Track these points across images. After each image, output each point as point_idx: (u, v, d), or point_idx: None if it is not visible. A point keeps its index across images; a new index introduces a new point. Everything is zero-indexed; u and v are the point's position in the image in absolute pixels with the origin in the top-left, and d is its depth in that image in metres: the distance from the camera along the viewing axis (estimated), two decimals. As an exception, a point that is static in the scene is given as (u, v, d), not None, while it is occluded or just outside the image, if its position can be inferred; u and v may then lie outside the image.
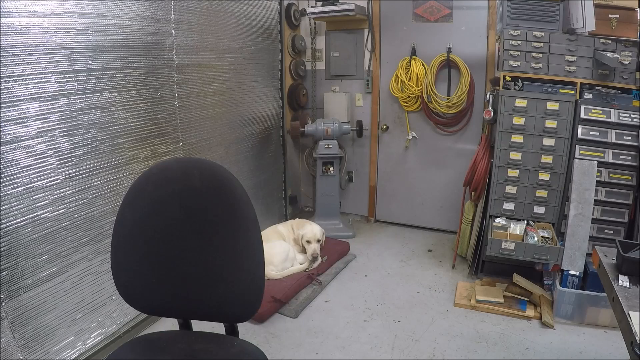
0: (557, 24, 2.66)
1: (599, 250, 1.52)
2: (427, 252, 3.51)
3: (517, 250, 2.56)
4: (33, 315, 1.88)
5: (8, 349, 1.76)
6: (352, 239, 3.68)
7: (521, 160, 2.73)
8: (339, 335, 2.44)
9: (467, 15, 3.45)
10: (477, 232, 3.03)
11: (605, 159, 2.57)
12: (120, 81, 2.20)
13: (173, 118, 2.61)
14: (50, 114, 1.88)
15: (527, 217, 2.79)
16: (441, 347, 2.32)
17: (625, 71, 2.54)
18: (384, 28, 3.76)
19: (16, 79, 1.73)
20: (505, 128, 2.72)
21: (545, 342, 2.35)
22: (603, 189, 2.59)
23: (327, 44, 4.01)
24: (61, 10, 1.88)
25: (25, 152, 1.79)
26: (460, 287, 2.88)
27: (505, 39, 2.67)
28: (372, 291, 2.91)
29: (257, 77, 3.48)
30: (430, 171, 3.84)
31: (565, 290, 2.49)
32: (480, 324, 2.53)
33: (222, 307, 1.25)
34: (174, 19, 2.54)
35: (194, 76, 2.76)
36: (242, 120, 3.34)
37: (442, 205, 3.83)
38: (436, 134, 3.75)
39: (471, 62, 3.45)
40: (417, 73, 3.60)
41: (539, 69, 2.65)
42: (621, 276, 1.33)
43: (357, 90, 3.98)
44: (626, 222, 2.61)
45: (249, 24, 3.30)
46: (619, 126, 2.55)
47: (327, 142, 3.67)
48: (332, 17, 3.63)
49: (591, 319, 2.48)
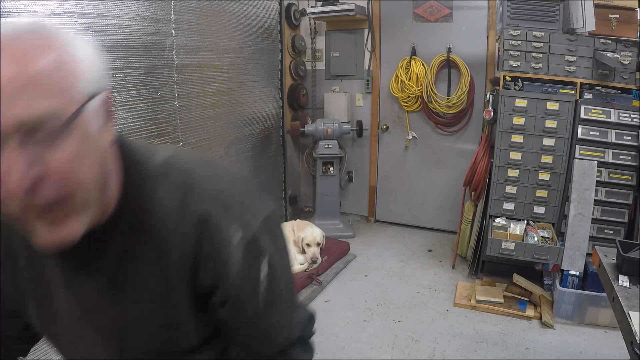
0: (557, 24, 2.66)
1: (599, 250, 1.52)
2: (427, 252, 3.51)
3: (517, 250, 2.56)
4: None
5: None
6: (352, 239, 3.68)
7: (521, 160, 2.73)
8: (339, 335, 2.44)
9: (467, 15, 3.45)
10: (477, 232, 3.03)
11: (605, 159, 2.57)
12: (120, 81, 2.20)
13: (173, 118, 2.61)
14: (50, 114, 1.88)
15: (527, 217, 2.79)
16: (441, 347, 2.32)
17: (625, 71, 2.54)
18: (384, 28, 3.76)
19: (16, 79, 1.73)
20: (505, 128, 2.72)
21: (545, 342, 2.35)
22: (603, 189, 2.59)
23: (327, 44, 4.01)
24: (61, 10, 1.88)
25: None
26: (460, 287, 2.88)
27: (505, 39, 2.67)
28: (372, 291, 2.91)
29: (257, 77, 3.48)
30: (430, 171, 3.84)
31: (565, 290, 2.50)
32: (480, 324, 2.53)
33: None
34: (174, 19, 2.54)
35: (194, 76, 2.76)
36: (242, 120, 3.34)
37: (442, 205, 3.83)
38: (436, 134, 3.75)
39: (471, 62, 3.45)
40: (417, 73, 3.60)
41: (539, 69, 2.65)
42: (621, 276, 1.33)
43: (357, 90, 3.98)
44: (626, 222, 2.61)
45: (249, 24, 3.30)
46: (619, 126, 2.55)
47: (327, 142, 3.67)
48: (332, 17, 3.63)
49: (591, 319, 2.48)
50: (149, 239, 0.63)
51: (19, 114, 0.47)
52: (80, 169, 0.53)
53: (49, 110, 0.49)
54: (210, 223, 0.61)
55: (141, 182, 0.63)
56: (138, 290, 0.65)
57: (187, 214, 0.61)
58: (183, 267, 0.63)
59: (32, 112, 0.48)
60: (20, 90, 0.47)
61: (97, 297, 0.66)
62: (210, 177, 0.66)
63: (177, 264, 0.63)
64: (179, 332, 0.67)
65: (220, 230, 0.61)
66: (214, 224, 0.61)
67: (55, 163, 0.50)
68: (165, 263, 0.63)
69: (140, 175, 0.64)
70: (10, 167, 0.47)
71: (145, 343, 0.69)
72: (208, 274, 0.63)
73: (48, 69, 0.50)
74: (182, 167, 0.66)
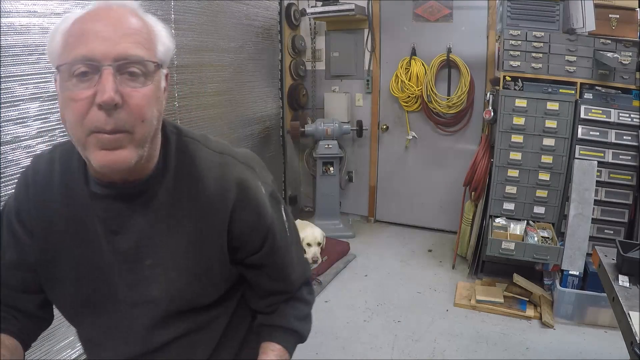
0: (557, 24, 2.65)
1: (599, 250, 1.52)
2: (427, 252, 3.51)
3: (517, 250, 2.56)
4: (33, 315, 1.88)
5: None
6: (352, 239, 3.68)
7: (521, 160, 2.72)
8: (339, 335, 2.44)
9: (467, 15, 3.45)
10: (477, 232, 3.03)
11: (605, 159, 2.57)
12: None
13: (173, 118, 2.61)
14: (50, 114, 1.88)
15: (527, 217, 2.79)
16: (441, 347, 2.32)
17: (625, 71, 2.54)
18: (384, 28, 3.76)
19: (16, 79, 1.73)
20: (505, 128, 2.72)
21: (545, 342, 2.35)
22: (603, 189, 2.59)
23: (327, 44, 4.01)
24: (61, 10, 1.87)
25: (25, 152, 1.79)
26: (460, 287, 2.88)
27: (505, 39, 2.67)
28: (372, 291, 2.91)
29: (257, 77, 3.48)
30: (430, 171, 3.84)
31: (565, 290, 2.50)
32: (480, 324, 2.53)
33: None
34: (174, 19, 2.53)
35: (194, 76, 2.76)
36: (242, 120, 3.34)
37: (442, 205, 3.82)
38: (436, 134, 3.75)
39: (471, 62, 3.45)
40: (417, 73, 3.60)
41: (539, 69, 2.65)
42: (621, 276, 1.33)
43: (357, 90, 3.98)
44: (626, 222, 2.61)
45: (249, 24, 3.30)
46: (619, 126, 2.55)
47: (327, 142, 3.67)
48: (332, 17, 3.63)
49: (591, 319, 2.48)
50: (194, 188, 0.79)
51: (122, 50, 0.66)
52: (149, 108, 0.70)
53: (141, 56, 0.68)
54: (246, 184, 0.82)
55: (185, 143, 0.82)
56: (181, 232, 0.80)
57: (228, 177, 0.80)
58: (221, 219, 0.80)
59: (131, 52, 0.67)
60: (126, 35, 0.67)
61: (147, 233, 0.79)
62: (237, 148, 0.87)
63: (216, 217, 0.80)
64: (211, 281, 0.83)
65: (253, 188, 0.82)
66: (248, 184, 0.82)
67: (136, 96, 0.68)
68: (206, 213, 0.80)
69: (182, 138, 0.82)
70: (106, 84, 0.64)
71: (179, 292, 0.81)
72: (248, 221, 0.82)
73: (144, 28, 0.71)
74: (215, 139, 0.87)
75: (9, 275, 0.82)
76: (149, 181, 0.77)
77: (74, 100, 0.66)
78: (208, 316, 0.86)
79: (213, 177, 0.80)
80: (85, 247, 0.80)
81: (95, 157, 0.68)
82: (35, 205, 0.82)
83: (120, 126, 0.66)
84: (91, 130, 0.66)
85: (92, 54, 0.64)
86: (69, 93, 0.66)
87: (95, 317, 0.83)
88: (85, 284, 0.81)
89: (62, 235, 0.80)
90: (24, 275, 0.83)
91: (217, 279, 0.85)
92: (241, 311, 0.95)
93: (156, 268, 0.80)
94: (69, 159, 0.82)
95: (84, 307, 0.83)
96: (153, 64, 0.70)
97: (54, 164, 0.83)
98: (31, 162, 0.88)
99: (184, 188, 0.79)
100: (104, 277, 0.80)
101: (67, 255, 0.81)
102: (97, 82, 0.65)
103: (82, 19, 0.68)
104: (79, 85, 0.65)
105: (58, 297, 0.85)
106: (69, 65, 0.65)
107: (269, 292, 0.92)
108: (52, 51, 0.69)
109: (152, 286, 0.80)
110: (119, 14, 0.68)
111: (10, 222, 0.83)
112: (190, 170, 0.80)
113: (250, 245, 0.85)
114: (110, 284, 0.81)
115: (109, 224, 0.78)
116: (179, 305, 0.82)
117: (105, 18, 0.67)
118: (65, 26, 0.68)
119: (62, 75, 0.67)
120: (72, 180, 0.80)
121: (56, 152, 0.86)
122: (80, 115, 0.66)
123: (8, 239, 0.83)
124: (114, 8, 0.69)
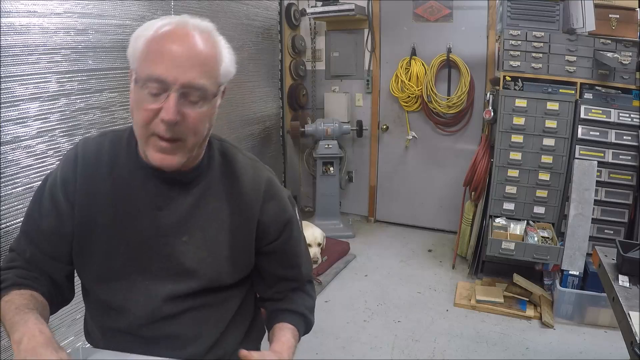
0: (557, 24, 2.65)
1: (599, 250, 1.52)
2: (427, 252, 3.51)
3: (517, 250, 2.56)
4: (33, 315, 1.88)
5: (9, 349, 1.76)
6: (352, 239, 3.68)
7: (521, 160, 2.72)
8: (339, 335, 2.44)
9: (467, 15, 3.45)
10: (477, 232, 3.03)
11: (605, 159, 2.56)
12: (120, 81, 2.20)
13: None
14: (50, 114, 1.88)
15: (527, 217, 2.79)
16: (441, 347, 2.32)
17: (625, 71, 2.54)
18: (384, 28, 3.76)
19: (16, 79, 1.73)
20: (505, 128, 2.72)
21: (545, 342, 2.35)
22: (603, 189, 2.58)
23: (327, 44, 4.01)
24: (61, 10, 1.88)
25: (25, 152, 1.78)
26: (460, 287, 2.88)
27: (505, 39, 2.67)
28: (372, 291, 2.91)
29: (257, 77, 3.48)
30: (430, 171, 3.84)
31: (565, 290, 2.50)
32: (480, 324, 2.53)
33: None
34: (174, 19, 2.53)
35: (194, 76, 2.76)
36: (242, 120, 3.34)
37: (442, 205, 3.82)
38: (436, 134, 3.75)
39: (471, 62, 3.45)
40: (417, 73, 3.60)
41: (539, 69, 2.65)
42: (621, 276, 1.33)
43: (357, 90, 3.98)
44: (626, 222, 2.61)
45: (249, 24, 3.30)
46: (619, 126, 2.55)
47: (327, 142, 3.67)
48: (332, 17, 3.63)
49: (591, 319, 2.48)
50: (233, 184, 0.96)
51: (189, 79, 0.79)
52: (202, 124, 0.86)
53: (204, 86, 0.82)
54: (273, 183, 1.01)
55: (226, 147, 1.00)
56: (216, 218, 0.95)
57: (259, 178, 0.99)
58: (254, 212, 0.96)
59: (195, 82, 0.80)
60: (195, 65, 0.80)
61: (187, 213, 0.92)
62: (257, 158, 1.06)
63: (250, 210, 0.96)
64: (235, 264, 0.97)
65: (278, 186, 1.03)
66: (275, 182, 1.02)
67: (193, 115, 0.83)
68: (241, 206, 0.96)
69: (223, 143, 1.01)
70: (171, 105, 0.79)
71: (206, 270, 0.93)
72: (273, 213, 0.99)
73: (211, 57, 0.83)
74: (244, 150, 1.05)
75: (45, 241, 0.92)
76: (194, 172, 0.93)
77: (144, 109, 0.81)
78: (222, 296, 0.98)
79: (248, 176, 0.97)
80: (127, 220, 0.91)
81: (152, 157, 0.84)
82: (81, 180, 0.91)
83: (176, 136, 0.82)
84: (153, 133, 0.82)
85: (164, 76, 0.78)
86: (141, 101, 0.81)
87: (116, 286, 0.92)
88: (115, 257, 0.91)
89: (104, 208, 0.91)
90: (59, 244, 0.92)
91: (241, 263, 0.98)
92: (250, 297, 1.08)
93: (190, 245, 0.92)
94: (119, 142, 0.95)
95: (108, 278, 0.92)
96: (212, 92, 0.84)
97: (103, 145, 0.95)
98: (80, 142, 0.97)
99: (225, 182, 0.96)
100: (136, 251, 0.91)
101: (103, 229, 0.91)
102: (164, 101, 0.79)
103: (162, 36, 0.80)
104: (150, 99, 0.80)
105: (85, 267, 0.94)
106: (144, 81, 0.79)
107: (278, 278, 1.05)
108: (133, 53, 0.83)
109: (183, 259, 0.92)
110: (194, 40, 0.81)
111: (54, 193, 0.92)
112: (231, 169, 0.97)
113: (271, 235, 1.00)
114: (142, 257, 0.91)
115: (155, 200, 0.91)
116: (201, 281, 0.93)
117: (180, 41, 0.80)
118: (148, 34, 0.81)
119: (138, 83, 0.81)
120: (120, 161, 0.93)
121: (107, 136, 0.97)
122: (147, 121, 0.81)
123: (50, 207, 0.92)
124: (190, 32, 0.81)
